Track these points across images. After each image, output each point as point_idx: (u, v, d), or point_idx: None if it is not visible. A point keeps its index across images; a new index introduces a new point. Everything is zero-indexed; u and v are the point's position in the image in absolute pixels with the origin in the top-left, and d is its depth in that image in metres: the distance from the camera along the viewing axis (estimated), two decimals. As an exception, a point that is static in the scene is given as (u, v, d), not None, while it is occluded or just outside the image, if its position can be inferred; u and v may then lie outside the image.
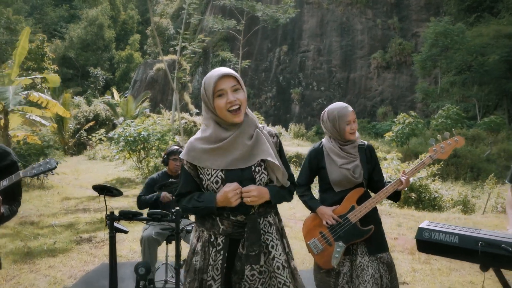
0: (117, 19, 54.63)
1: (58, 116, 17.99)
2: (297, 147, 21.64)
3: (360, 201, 2.81)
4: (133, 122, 14.06)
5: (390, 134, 19.08)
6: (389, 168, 9.89)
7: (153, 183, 4.33)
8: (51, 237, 6.48)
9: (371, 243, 2.80)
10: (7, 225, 7.15)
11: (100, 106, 27.33)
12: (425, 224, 2.64)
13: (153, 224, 4.12)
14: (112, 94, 30.47)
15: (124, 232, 3.58)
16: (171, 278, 4.31)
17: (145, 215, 3.51)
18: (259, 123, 2.15)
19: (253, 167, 2.05)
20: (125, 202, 9.21)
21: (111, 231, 3.40)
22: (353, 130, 2.86)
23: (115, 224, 3.46)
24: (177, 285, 3.39)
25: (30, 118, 13.28)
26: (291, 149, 19.88)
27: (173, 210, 3.38)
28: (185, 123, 23.91)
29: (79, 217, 8.10)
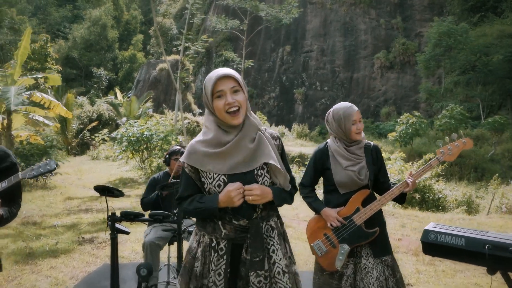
0: (120, 19, 54.68)
1: (61, 116, 17.99)
2: (300, 147, 21.63)
3: (365, 203, 2.78)
4: (136, 122, 14.04)
5: (394, 134, 19.02)
6: (393, 168, 9.86)
7: (154, 183, 4.31)
8: (53, 238, 6.47)
9: (376, 245, 2.76)
10: (10, 225, 7.14)
11: (103, 106, 27.35)
12: (431, 226, 2.61)
13: (155, 226, 4.09)
14: (115, 94, 30.54)
15: (126, 233, 3.56)
16: (173, 280, 4.27)
17: (146, 216, 3.49)
18: (262, 124, 2.11)
19: (255, 170, 2.02)
20: (127, 203, 9.19)
21: (113, 232, 3.38)
22: (359, 130, 2.82)
23: (117, 225, 3.45)
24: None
25: (33, 118, 13.30)
26: (294, 149, 19.87)
27: (174, 211, 3.35)
28: (188, 123, 23.91)
29: (81, 217, 8.08)
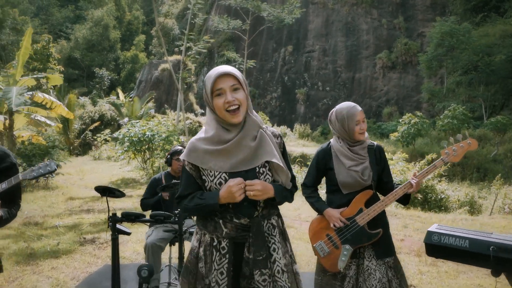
0: (122, 19, 54.77)
1: (64, 117, 18.01)
2: (302, 147, 21.60)
3: (368, 204, 2.75)
4: (138, 122, 14.05)
5: (396, 134, 18.97)
6: (395, 169, 9.82)
7: (155, 184, 4.29)
8: (54, 238, 6.45)
9: (379, 246, 2.73)
10: (11, 226, 7.14)
11: (105, 106, 27.40)
12: (434, 228, 2.58)
13: (157, 227, 4.07)
14: (117, 94, 30.57)
15: (127, 234, 3.55)
16: (174, 281, 4.25)
17: (148, 216, 3.47)
18: (264, 123, 2.09)
19: (257, 168, 2.00)
20: (129, 203, 9.18)
21: (114, 233, 3.36)
22: (362, 130, 2.79)
23: (118, 226, 3.43)
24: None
25: (35, 119, 13.29)
26: (296, 149, 19.84)
27: (176, 211, 3.34)
28: (190, 123, 23.92)
29: (83, 217, 8.08)
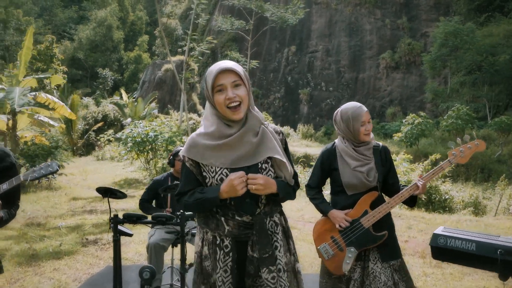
0: (125, 20, 54.81)
1: (67, 117, 18.05)
2: (305, 147, 21.58)
3: (373, 205, 2.70)
4: (141, 123, 14.03)
5: (399, 134, 18.89)
6: (398, 170, 9.76)
7: (156, 186, 4.24)
8: (57, 239, 6.44)
9: (384, 249, 2.68)
10: (13, 226, 7.14)
11: (108, 107, 27.40)
12: (440, 230, 2.54)
13: (159, 228, 4.04)
14: (121, 95, 30.57)
15: (129, 235, 3.51)
16: (176, 282, 4.21)
17: (149, 218, 3.44)
18: (265, 120, 2.06)
19: (259, 164, 1.97)
20: (132, 204, 9.15)
21: (115, 235, 3.33)
22: (368, 131, 2.74)
23: (119, 227, 3.39)
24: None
25: (39, 119, 13.30)
26: (299, 149, 19.82)
27: (178, 213, 3.31)
28: (193, 123, 23.89)
29: (85, 218, 8.06)
